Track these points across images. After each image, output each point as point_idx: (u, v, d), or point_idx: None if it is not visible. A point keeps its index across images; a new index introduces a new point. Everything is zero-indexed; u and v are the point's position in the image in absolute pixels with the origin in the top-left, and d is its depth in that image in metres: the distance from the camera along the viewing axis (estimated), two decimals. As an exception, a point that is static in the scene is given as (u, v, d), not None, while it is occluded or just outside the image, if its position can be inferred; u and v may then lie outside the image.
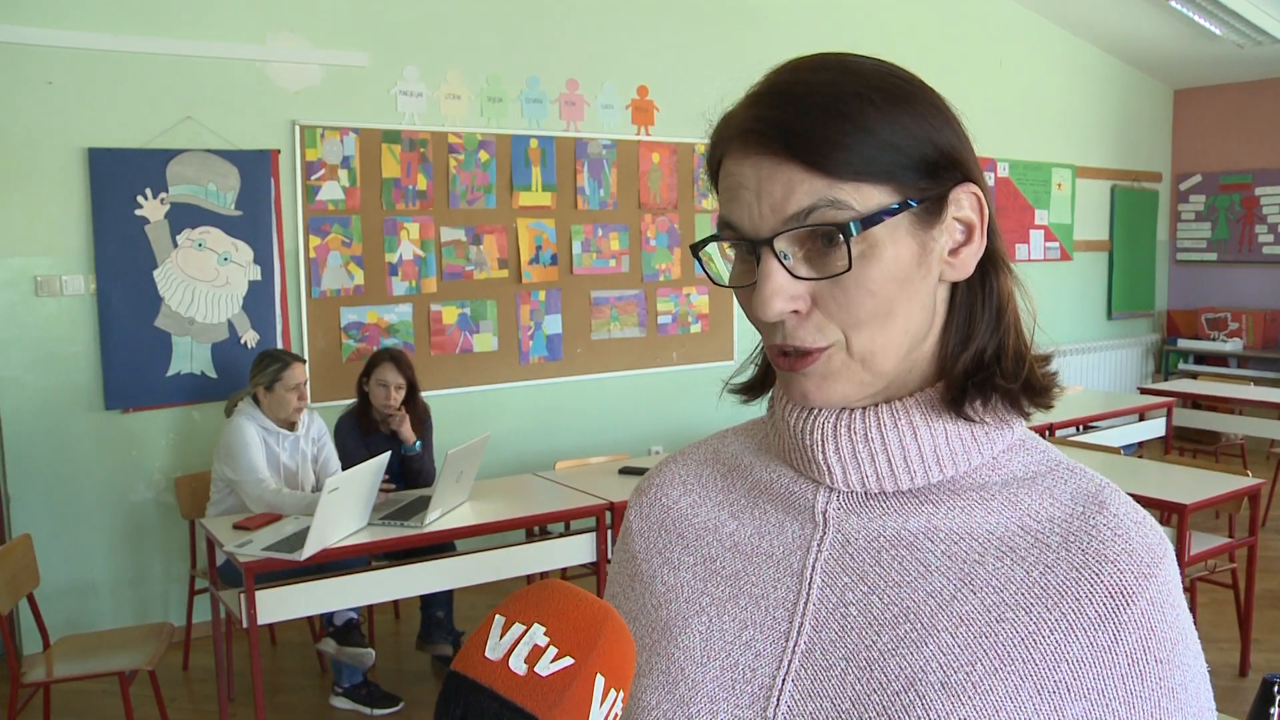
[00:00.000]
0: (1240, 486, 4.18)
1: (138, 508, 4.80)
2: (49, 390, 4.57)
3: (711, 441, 0.98)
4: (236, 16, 4.86)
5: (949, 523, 0.79)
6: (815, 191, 0.72)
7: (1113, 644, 0.73)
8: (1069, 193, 8.41)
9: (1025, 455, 0.82)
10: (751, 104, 0.77)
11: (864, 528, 0.81)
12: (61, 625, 4.42)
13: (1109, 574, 0.74)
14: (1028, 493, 0.80)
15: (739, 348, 6.51)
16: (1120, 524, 0.76)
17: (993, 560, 0.77)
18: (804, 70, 0.76)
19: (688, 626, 0.85)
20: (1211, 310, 8.92)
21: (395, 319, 5.36)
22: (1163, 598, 0.75)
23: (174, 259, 4.75)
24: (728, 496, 0.91)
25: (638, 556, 0.94)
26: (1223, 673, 4.27)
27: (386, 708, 4.10)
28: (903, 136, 0.73)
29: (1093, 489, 0.79)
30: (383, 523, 3.88)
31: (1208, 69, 8.61)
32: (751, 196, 0.74)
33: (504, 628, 0.64)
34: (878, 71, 0.76)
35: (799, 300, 0.75)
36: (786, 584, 0.83)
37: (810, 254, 0.74)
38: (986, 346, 0.80)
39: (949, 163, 0.76)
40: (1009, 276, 0.82)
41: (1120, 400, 6.49)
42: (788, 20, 6.51)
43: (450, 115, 5.46)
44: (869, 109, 0.72)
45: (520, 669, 0.62)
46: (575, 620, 0.64)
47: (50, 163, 4.50)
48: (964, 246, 0.78)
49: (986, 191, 0.78)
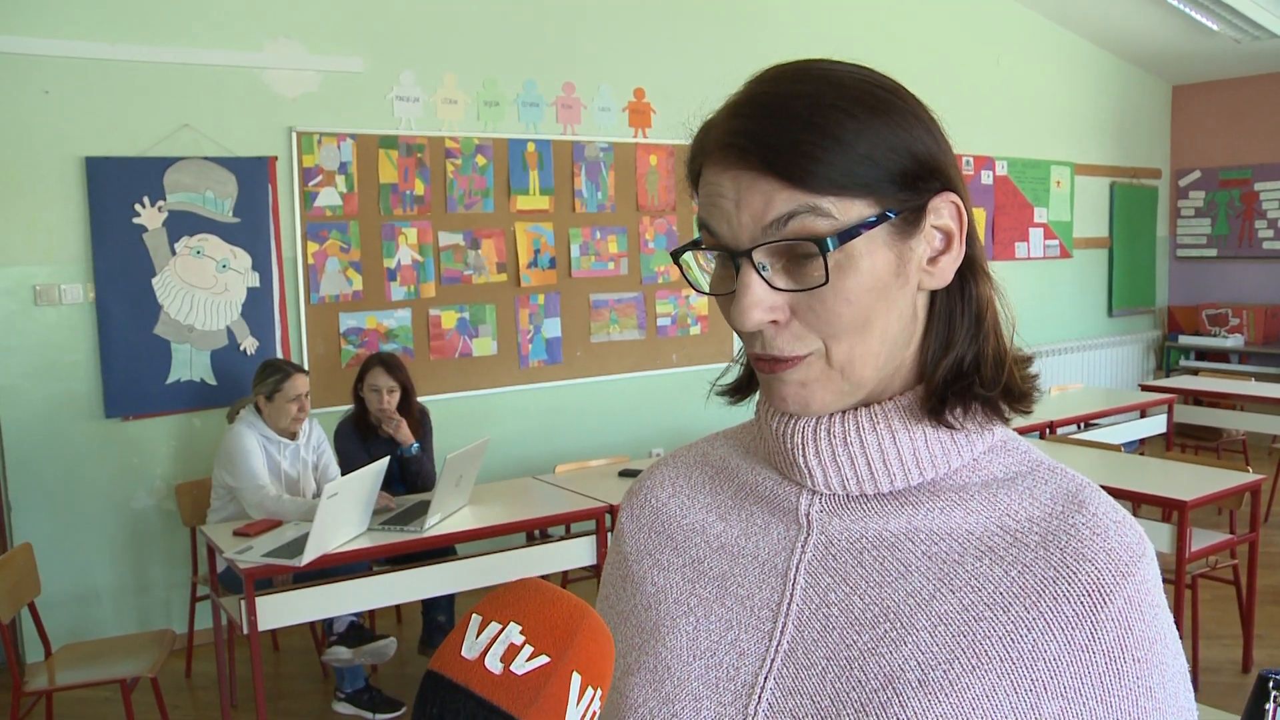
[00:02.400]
0: (1241, 482, 4.17)
1: (139, 515, 4.81)
2: (49, 399, 4.58)
3: (701, 445, 0.99)
4: (233, 24, 4.87)
5: (929, 523, 0.80)
6: (794, 200, 0.72)
7: (1089, 643, 0.73)
8: (1068, 190, 8.40)
9: (1006, 456, 0.83)
10: (731, 115, 0.77)
11: (846, 529, 0.82)
12: (63, 633, 4.42)
13: (1086, 573, 0.74)
14: (1007, 493, 0.80)
15: (738, 349, 6.48)
16: (1099, 523, 0.77)
17: (972, 560, 0.78)
18: (784, 80, 0.76)
19: (675, 627, 0.86)
20: (1212, 306, 8.90)
21: (394, 324, 5.37)
22: (1140, 597, 0.75)
23: (172, 266, 4.76)
24: (716, 499, 0.92)
25: (629, 558, 0.95)
26: (1225, 669, 4.27)
27: (389, 712, 4.09)
28: (880, 149, 0.73)
29: (1072, 489, 0.80)
30: (383, 527, 3.88)
31: (1206, 64, 8.60)
32: (731, 206, 0.75)
33: (480, 626, 0.64)
34: (856, 81, 0.76)
35: (777, 311, 0.75)
36: (771, 585, 0.84)
37: (788, 265, 0.75)
38: (966, 354, 0.81)
39: (928, 172, 0.76)
40: (988, 283, 0.83)
41: (1121, 397, 6.49)
42: (784, 21, 6.51)
43: (447, 120, 5.47)
44: (847, 121, 0.72)
45: (496, 668, 0.62)
46: (551, 619, 0.65)
47: (48, 172, 4.51)
48: (943, 255, 0.78)
49: (966, 199, 0.79)
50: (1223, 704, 3.28)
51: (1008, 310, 0.84)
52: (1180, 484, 4.12)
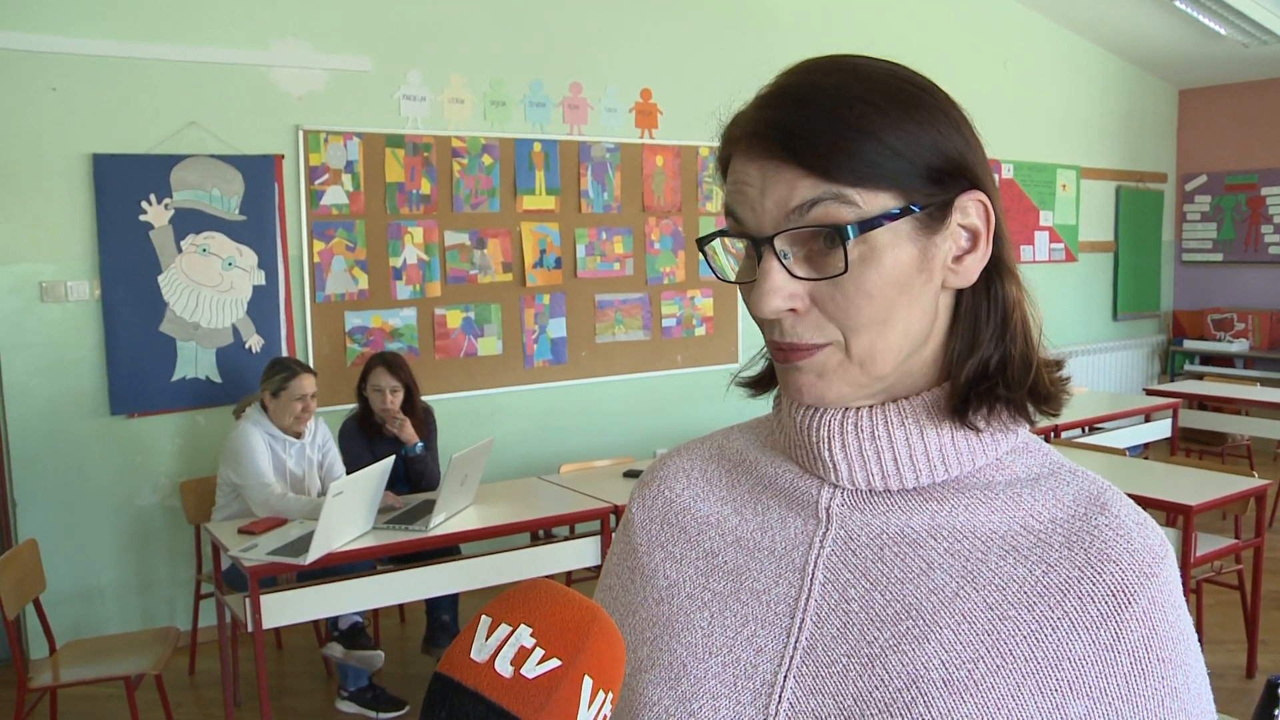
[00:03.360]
0: (1246, 488, 4.16)
1: (143, 512, 4.81)
2: (54, 396, 4.58)
3: (716, 437, 0.98)
4: (240, 22, 4.87)
5: (952, 521, 0.80)
6: (818, 188, 0.73)
7: (1114, 643, 0.73)
8: (1074, 194, 8.39)
9: (1028, 458, 0.83)
10: (760, 105, 0.77)
11: (867, 524, 0.81)
12: (68, 630, 4.43)
13: (1111, 573, 0.74)
14: (1031, 493, 0.80)
15: (743, 350, 6.50)
16: (1122, 525, 0.77)
17: (995, 558, 0.77)
18: (814, 72, 0.77)
19: (690, 622, 0.85)
20: (1217, 311, 8.88)
21: (399, 323, 5.37)
22: (1164, 598, 0.75)
23: (178, 264, 4.76)
24: (731, 492, 0.91)
25: (639, 549, 0.93)
26: (1229, 674, 4.26)
27: (392, 711, 4.09)
28: (908, 143, 0.73)
29: (1095, 491, 0.80)
30: (387, 526, 3.88)
31: (1213, 69, 8.58)
32: (756, 194, 0.75)
33: (490, 628, 0.63)
34: (887, 76, 0.76)
35: (797, 299, 0.75)
36: (789, 579, 0.83)
37: (811, 254, 0.75)
38: (991, 356, 0.80)
39: (956, 170, 0.76)
40: (1016, 285, 0.82)
41: (1126, 401, 6.48)
42: (791, 22, 6.50)
43: (453, 119, 5.47)
44: (875, 114, 0.73)
45: (506, 671, 0.61)
46: (562, 621, 0.64)
47: (55, 169, 4.51)
48: (969, 254, 0.78)
49: (995, 200, 0.78)
50: (1227, 709, 3.27)
51: (1036, 313, 0.83)
52: (1185, 489, 4.11)
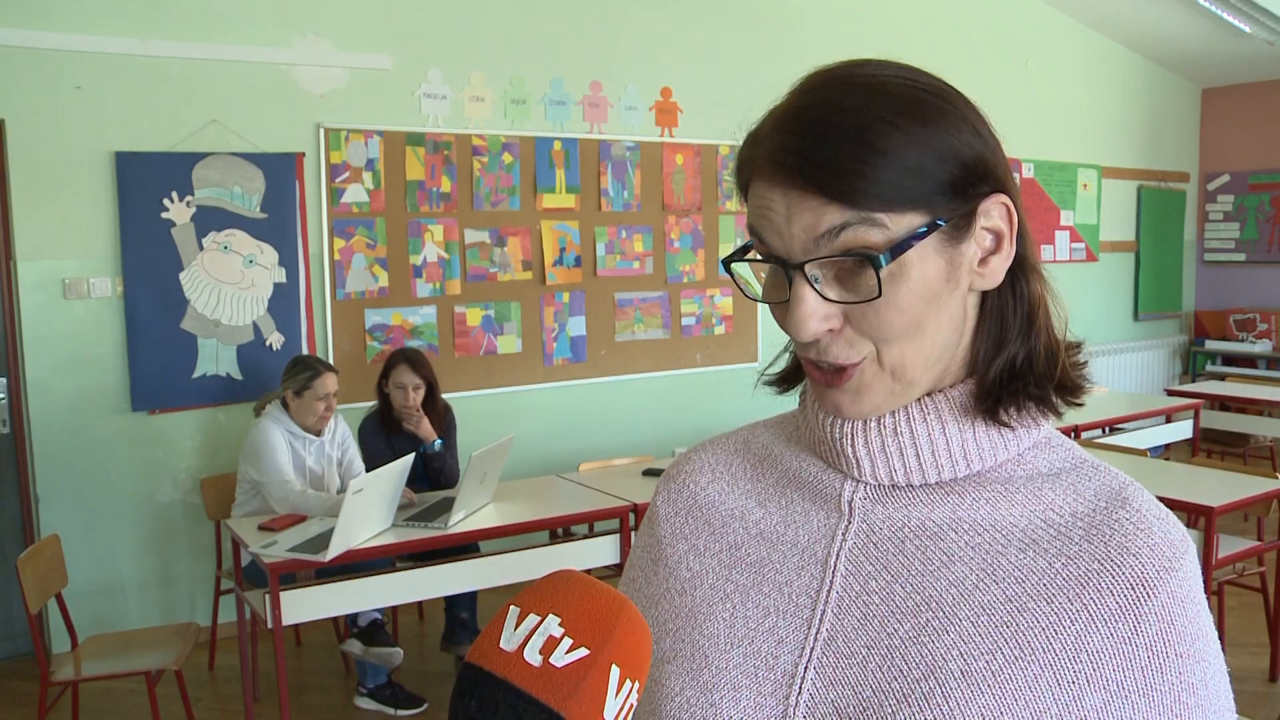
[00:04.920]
0: (1269, 489, 4.13)
1: (164, 508, 4.84)
2: (77, 391, 4.61)
3: (742, 432, 0.99)
4: (261, 20, 4.90)
5: (973, 514, 0.80)
6: (844, 214, 0.72)
7: (1133, 636, 0.73)
8: (1095, 193, 8.34)
9: (1050, 452, 0.83)
10: (776, 129, 0.76)
11: (889, 518, 0.82)
12: (89, 625, 4.46)
13: (1130, 566, 0.75)
14: (1052, 488, 0.80)
15: (763, 349, 6.50)
16: (1143, 519, 0.77)
17: (1015, 551, 0.78)
18: (829, 90, 0.76)
19: (712, 613, 0.86)
20: (1240, 311, 8.82)
21: (419, 321, 5.38)
22: (1184, 593, 0.75)
23: (200, 261, 4.79)
24: (756, 485, 0.92)
25: (663, 541, 0.95)
26: (1251, 678, 4.22)
27: (411, 708, 4.11)
28: (930, 159, 0.73)
29: (1116, 486, 0.80)
30: (407, 524, 3.90)
31: (1236, 67, 8.52)
32: (782, 221, 0.75)
33: (519, 619, 0.64)
34: (902, 88, 0.75)
35: (831, 319, 0.76)
36: (811, 572, 0.84)
37: (840, 274, 0.75)
38: (1018, 353, 0.81)
39: (977, 177, 0.76)
40: (1040, 281, 0.83)
41: (1147, 402, 6.44)
42: (811, 22, 6.49)
43: (474, 117, 5.48)
44: (894, 134, 0.72)
45: (535, 660, 0.62)
46: (590, 611, 0.65)
47: (78, 166, 4.54)
48: (993, 255, 0.78)
49: (1016, 198, 0.78)
50: (1249, 712, 3.26)
51: (1060, 308, 0.84)
52: (1207, 490, 4.09)
